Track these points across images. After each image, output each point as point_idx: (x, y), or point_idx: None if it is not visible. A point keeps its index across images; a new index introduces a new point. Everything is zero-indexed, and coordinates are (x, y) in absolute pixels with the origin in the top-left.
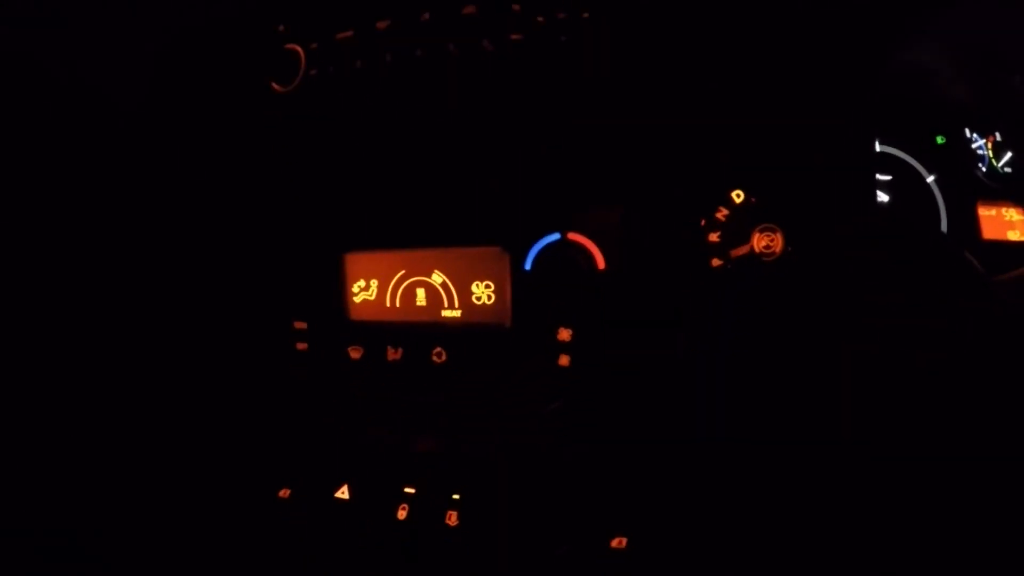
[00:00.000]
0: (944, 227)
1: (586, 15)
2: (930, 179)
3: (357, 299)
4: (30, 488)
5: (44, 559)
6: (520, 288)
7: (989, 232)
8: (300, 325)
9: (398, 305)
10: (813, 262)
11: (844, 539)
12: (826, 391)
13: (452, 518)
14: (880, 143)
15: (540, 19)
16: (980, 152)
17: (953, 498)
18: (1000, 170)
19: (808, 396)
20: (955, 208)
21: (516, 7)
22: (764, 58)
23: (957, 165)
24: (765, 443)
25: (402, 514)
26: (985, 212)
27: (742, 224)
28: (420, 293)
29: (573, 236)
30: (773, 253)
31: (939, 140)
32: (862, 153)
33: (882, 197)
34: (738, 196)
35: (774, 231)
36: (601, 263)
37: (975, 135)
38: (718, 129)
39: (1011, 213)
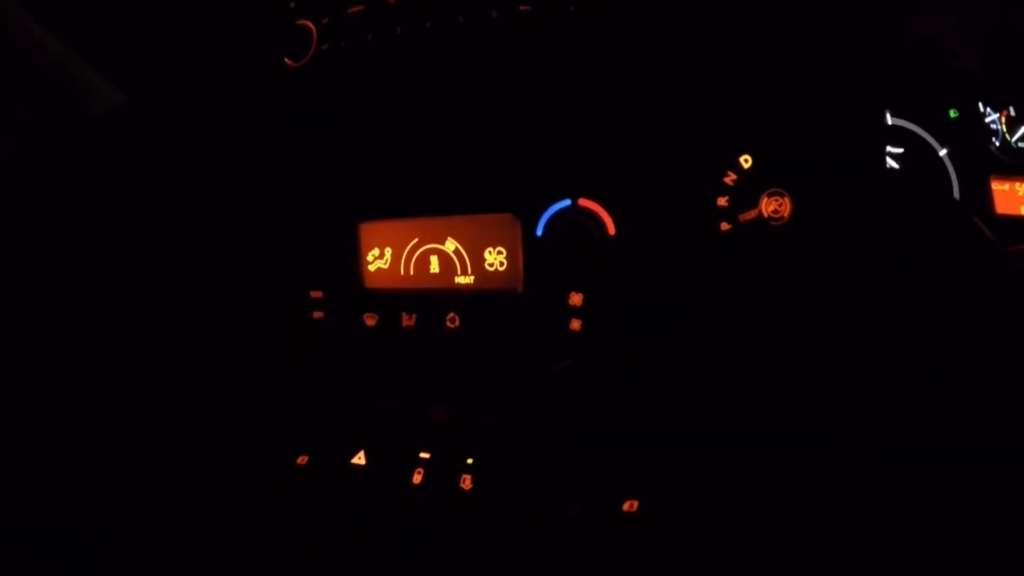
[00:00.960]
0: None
1: None
2: (942, 152)
3: (372, 267)
4: (35, 471)
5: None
6: (532, 254)
7: (1002, 207)
8: (316, 294)
9: (412, 273)
10: (821, 226)
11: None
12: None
13: (466, 482)
14: (892, 116)
15: None
16: (994, 127)
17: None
18: (1013, 145)
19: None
20: (968, 182)
21: None
22: (773, 31)
23: (970, 139)
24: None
25: (417, 479)
26: (998, 187)
27: (751, 189)
28: (433, 260)
29: (584, 202)
30: (782, 217)
31: (952, 114)
32: (872, 121)
33: (894, 168)
34: (746, 161)
35: (782, 195)
36: (612, 228)
37: (988, 109)
38: (721, 122)
39: None
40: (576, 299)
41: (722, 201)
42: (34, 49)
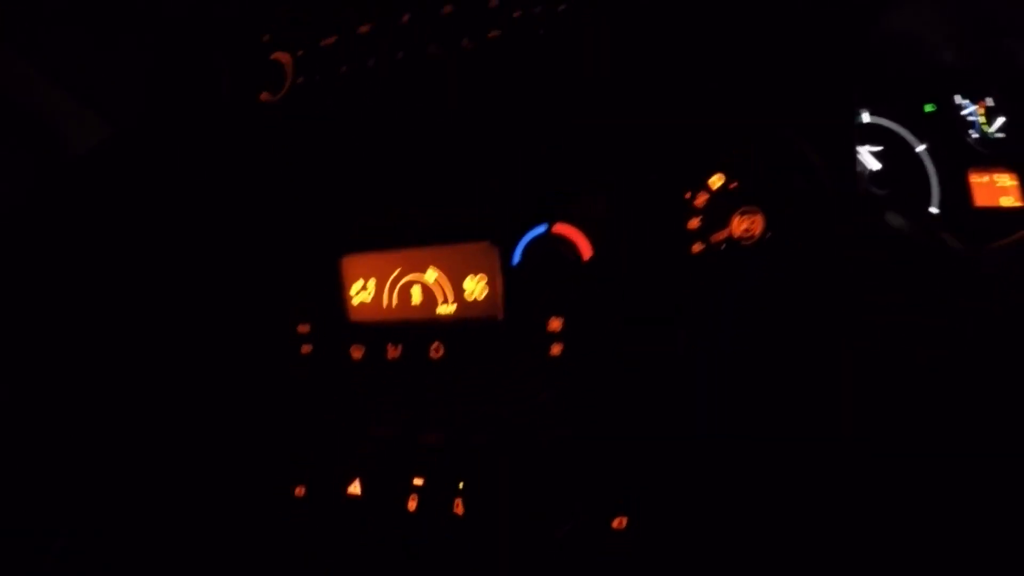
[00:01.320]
0: (936, 196)
1: (562, 7)
2: (920, 148)
3: (355, 300)
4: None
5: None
6: (511, 281)
7: (981, 199)
8: (303, 329)
9: (395, 304)
10: (794, 243)
11: (843, 534)
12: (826, 388)
13: (459, 506)
14: (869, 114)
15: (516, 14)
16: (971, 119)
17: (953, 495)
18: (991, 136)
19: (809, 393)
20: (947, 177)
21: (493, 4)
22: (738, 39)
23: (948, 133)
24: (764, 440)
25: (412, 505)
26: (977, 179)
27: (722, 209)
28: (415, 291)
29: (559, 228)
30: (752, 236)
31: (928, 108)
32: (842, 131)
33: (874, 166)
34: (717, 181)
35: (754, 214)
36: (587, 253)
37: (966, 101)
38: (690, 142)
39: (1004, 179)
40: (555, 324)
41: (694, 223)
42: (16, 84)
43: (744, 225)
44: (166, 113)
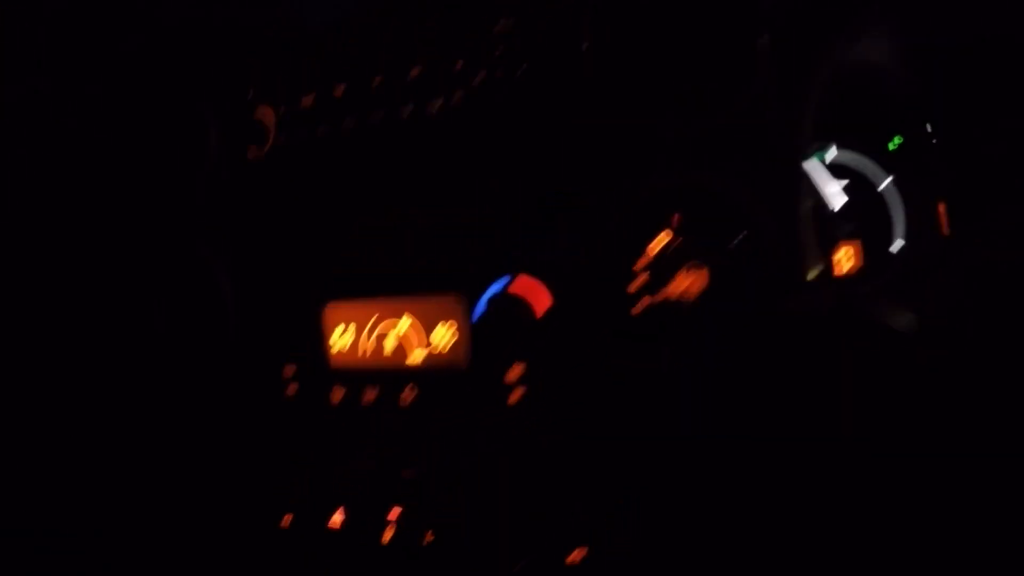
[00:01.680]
0: (900, 232)
1: (521, 71)
2: (887, 182)
3: (335, 347)
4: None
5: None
6: (476, 331)
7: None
8: (288, 371)
9: (371, 349)
10: (738, 299)
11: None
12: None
13: (430, 536)
14: (838, 147)
15: (481, 76)
16: (940, 148)
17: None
18: None
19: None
20: (915, 210)
21: (458, 67)
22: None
23: (917, 164)
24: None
25: (388, 536)
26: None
27: (668, 266)
28: (389, 339)
29: (517, 283)
30: (691, 295)
31: (896, 140)
32: (787, 186)
33: (838, 203)
34: (665, 237)
35: (700, 269)
36: (540, 310)
37: (934, 130)
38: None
39: None
40: (517, 372)
41: (641, 279)
42: None
43: (688, 282)
44: (155, 160)
